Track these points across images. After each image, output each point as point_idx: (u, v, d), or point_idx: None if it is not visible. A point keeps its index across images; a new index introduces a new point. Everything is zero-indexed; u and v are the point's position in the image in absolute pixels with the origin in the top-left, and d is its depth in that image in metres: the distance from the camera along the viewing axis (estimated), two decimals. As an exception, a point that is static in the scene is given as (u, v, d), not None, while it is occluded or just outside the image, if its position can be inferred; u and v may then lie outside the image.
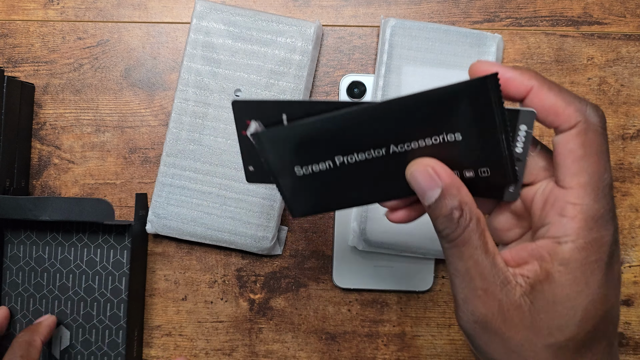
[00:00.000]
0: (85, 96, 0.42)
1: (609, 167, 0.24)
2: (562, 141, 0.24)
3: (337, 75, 0.42)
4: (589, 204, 0.23)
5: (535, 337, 0.24)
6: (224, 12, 0.39)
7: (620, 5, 0.42)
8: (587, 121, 0.24)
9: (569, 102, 0.24)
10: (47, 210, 0.36)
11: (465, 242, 0.25)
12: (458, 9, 0.42)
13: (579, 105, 0.24)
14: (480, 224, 0.25)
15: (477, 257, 0.25)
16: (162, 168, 0.40)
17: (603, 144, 0.24)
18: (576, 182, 0.24)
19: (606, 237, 0.24)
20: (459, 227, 0.25)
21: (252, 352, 0.41)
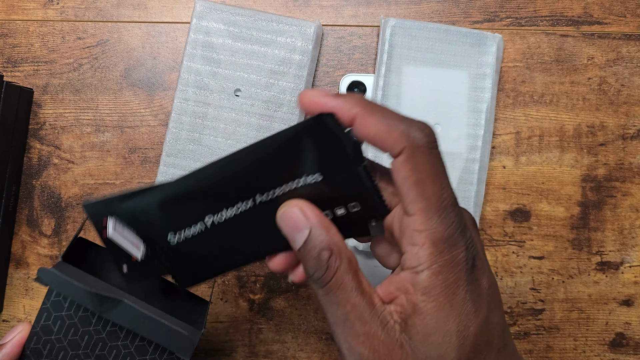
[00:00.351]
0: (85, 96, 0.42)
1: (447, 185, 0.23)
2: (394, 168, 0.23)
3: (337, 75, 0.42)
4: (434, 228, 0.23)
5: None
6: (224, 12, 0.39)
7: (620, 5, 0.42)
8: (413, 144, 0.23)
9: (392, 127, 0.23)
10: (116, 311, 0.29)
11: (339, 286, 0.24)
12: (458, 9, 0.42)
13: (403, 128, 0.23)
14: (352, 264, 0.24)
15: (353, 300, 0.24)
16: (161, 168, 0.40)
17: (435, 163, 0.23)
18: (417, 208, 0.23)
19: (459, 255, 0.23)
20: (330, 269, 0.24)
21: (252, 353, 0.41)
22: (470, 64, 0.39)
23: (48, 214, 0.42)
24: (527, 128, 0.42)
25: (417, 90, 0.39)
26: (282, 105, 0.39)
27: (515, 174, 0.41)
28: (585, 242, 0.41)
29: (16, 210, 0.42)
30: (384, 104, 0.25)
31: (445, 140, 0.39)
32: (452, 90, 0.39)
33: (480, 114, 0.39)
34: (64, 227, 0.42)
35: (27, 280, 0.42)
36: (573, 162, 0.41)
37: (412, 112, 0.39)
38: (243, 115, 0.39)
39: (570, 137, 0.42)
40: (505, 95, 0.42)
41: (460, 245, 0.23)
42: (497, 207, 0.41)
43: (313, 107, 0.24)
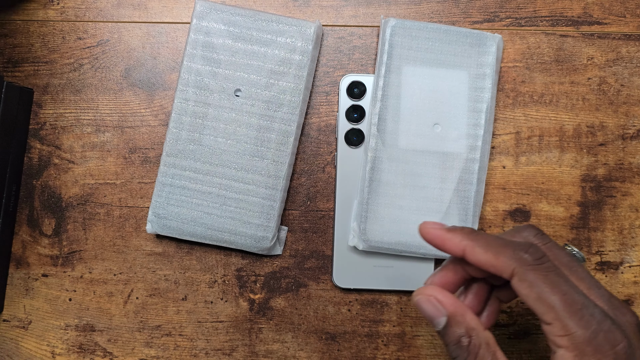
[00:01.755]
0: (85, 96, 0.43)
1: (571, 290, 0.25)
2: (515, 289, 0.25)
3: (337, 75, 0.42)
4: (574, 331, 0.24)
5: None
6: (224, 12, 0.39)
7: (620, 5, 0.42)
8: (522, 265, 0.25)
9: (498, 254, 0.26)
10: None
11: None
12: (458, 9, 0.42)
13: (509, 253, 0.25)
14: (490, 347, 0.26)
15: None
16: (162, 168, 0.40)
17: (547, 275, 0.25)
18: (550, 318, 0.24)
19: (607, 353, 0.24)
20: (470, 354, 0.26)
21: (252, 352, 0.41)
22: (470, 64, 0.39)
23: (48, 214, 0.42)
24: (527, 128, 0.42)
25: (417, 90, 0.39)
26: (282, 105, 0.39)
27: (515, 174, 0.42)
28: (585, 242, 0.41)
29: (16, 210, 0.42)
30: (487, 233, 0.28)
31: (445, 140, 0.39)
32: (451, 91, 0.39)
33: (480, 114, 0.39)
34: (64, 227, 0.42)
35: (27, 280, 0.42)
36: (573, 162, 0.42)
37: (411, 112, 0.39)
38: (243, 116, 0.39)
39: (570, 137, 0.42)
40: (505, 95, 0.42)
41: (607, 351, 0.24)
42: (496, 207, 0.41)
43: (429, 237, 0.28)
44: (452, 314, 0.27)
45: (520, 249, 0.26)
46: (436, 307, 0.27)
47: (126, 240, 0.42)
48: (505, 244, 0.26)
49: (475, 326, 0.27)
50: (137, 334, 0.41)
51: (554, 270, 0.25)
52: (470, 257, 0.27)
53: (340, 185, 0.40)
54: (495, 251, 0.26)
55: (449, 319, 0.27)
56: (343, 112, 0.41)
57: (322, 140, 0.42)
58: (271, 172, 0.39)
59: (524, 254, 0.25)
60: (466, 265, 0.29)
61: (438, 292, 0.28)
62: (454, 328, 0.27)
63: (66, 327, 0.42)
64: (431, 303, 0.28)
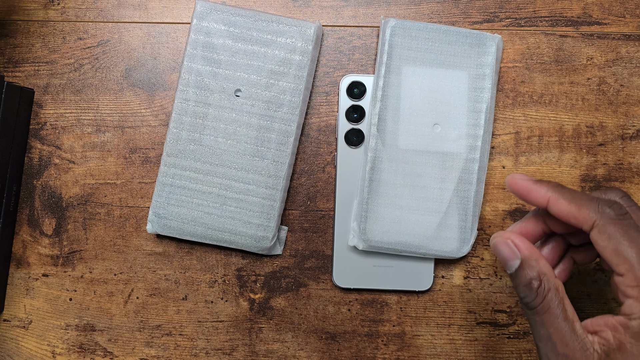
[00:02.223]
0: (85, 96, 0.43)
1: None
2: (593, 240, 0.27)
3: (337, 76, 0.42)
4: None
5: None
6: (224, 13, 0.39)
7: (619, 6, 0.42)
8: (603, 217, 0.26)
9: (581, 206, 0.27)
10: None
11: (546, 310, 0.28)
12: (458, 9, 0.42)
13: (592, 205, 0.27)
14: (559, 293, 0.28)
15: (557, 325, 0.27)
16: (162, 168, 0.40)
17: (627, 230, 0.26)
18: (624, 269, 0.26)
19: None
20: (539, 296, 0.28)
21: (252, 352, 0.41)
22: (470, 65, 0.39)
23: (49, 214, 0.42)
24: (527, 128, 0.42)
25: (416, 90, 0.39)
26: (282, 105, 0.39)
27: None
28: (585, 241, 0.41)
29: (17, 210, 0.42)
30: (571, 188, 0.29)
31: (445, 140, 0.39)
32: (451, 91, 0.39)
33: (479, 114, 0.39)
34: (64, 227, 0.42)
35: (27, 279, 0.42)
36: (572, 162, 0.42)
37: (411, 112, 0.39)
38: (243, 116, 0.39)
39: (569, 137, 0.42)
40: (505, 95, 0.42)
41: None
42: (496, 207, 0.42)
43: (516, 187, 0.30)
44: (526, 257, 0.29)
45: (603, 204, 0.27)
46: (512, 249, 0.29)
47: (126, 240, 0.42)
48: (590, 198, 0.27)
49: (547, 272, 0.28)
50: (137, 333, 0.41)
51: (635, 227, 0.26)
52: (553, 208, 0.28)
53: (340, 185, 0.40)
54: (579, 204, 0.27)
55: (523, 262, 0.29)
56: (343, 112, 0.41)
57: (322, 140, 0.42)
58: (271, 172, 0.39)
59: (607, 209, 0.27)
60: (547, 218, 0.31)
61: (515, 236, 0.29)
62: (527, 271, 0.28)
63: (66, 326, 0.42)
64: (508, 245, 0.29)
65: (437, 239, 0.39)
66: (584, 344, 0.27)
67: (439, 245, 0.39)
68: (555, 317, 0.28)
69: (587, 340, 0.27)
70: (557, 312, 0.28)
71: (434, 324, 0.41)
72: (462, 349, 0.41)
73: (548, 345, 0.28)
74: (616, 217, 0.26)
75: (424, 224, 0.39)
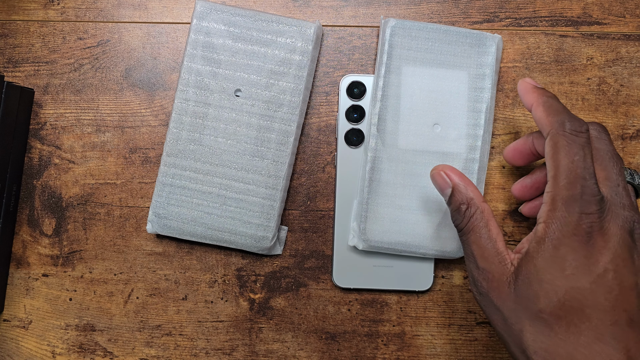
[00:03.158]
0: (85, 96, 0.43)
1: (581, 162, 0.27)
2: (546, 146, 0.29)
3: (337, 76, 0.42)
4: (556, 191, 0.28)
5: (518, 307, 0.28)
6: (224, 13, 0.39)
7: (619, 6, 0.42)
8: (560, 128, 0.28)
9: (550, 114, 0.29)
10: None
11: (470, 230, 0.30)
12: (458, 9, 0.42)
13: (559, 116, 0.29)
14: (485, 215, 0.30)
15: (480, 242, 0.30)
16: (162, 168, 0.40)
17: (571, 145, 0.28)
18: (550, 175, 0.28)
19: (572, 216, 0.27)
20: (465, 217, 0.31)
21: (252, 352, 0.41)
22: (470, 65, 0.39)
23: (49, 214, 0.42)
24: (527, 128, 0.42)
25: (416, 90, 0.39)
26: (282, 105, 0.39)
27: (514, 174, 0.42)
28: (585, 241, 0.41)
29: (17, 210, 0.42)
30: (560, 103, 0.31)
31: (445, 140, 0.39)
32: (451, 91, 0.39)
33: (479, 114, 0.39)
34: (64, 227, 0.42)
35: (27, 280, 0.42)
36: (572, 162, 0.42)
37: (411, 112, 0.39)
38: (243, 116, 0.39)
39: (569, 137, 0.42)
40: (505, 95, 0.42)
41: (575, 212, 0.27)
42: (496, 207, 0.42)
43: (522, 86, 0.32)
44: (455, 184, 0.32)
45: (568, 119, 0.29)
46: (444, 179, 0.32)
47: (126, 240, 0.42)
48: (564, 111, 0.29)
49: (475, 196, 0.31)
50: (137, 333, 0.41)
51: (583, 145, 0.28)
52: (533, 112, 0.30)
53: (340, 185, 0.40)
54: (550, 112, 0.29)
55: (453, 189, 0.32)
56: (343, 112, 0.41)
57: (322, 140, 0.42)
58: (271, 172, 0.39)
59: (567, 122, 0.28)
60: (535, 137, 0.35)
61: (448, 168, 0.33)
62: (456, 196, 0.31)
63: (66, 326, 0.42)
64: (441, 176, 0.32)
65: (437, 239, 0.39)
66: (503, 258, 0.29)
67: (439, 245, 0.39)
68: (479, 236, 0.30)
69: (506, 256, 0.29)
70: (481, 231, 0.30)
71: (434, 324, 0.41)
72: (462, 349, 0.41)
73: (471, 261, 0.30)
74: (570, 131, 0.28)
75: (424, 224, 0.39)
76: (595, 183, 0.27)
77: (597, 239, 0.27)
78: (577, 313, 0.26)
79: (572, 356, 0.26)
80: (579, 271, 0.26)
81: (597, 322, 0.26)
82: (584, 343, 0.26)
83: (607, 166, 0.29)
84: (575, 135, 0.28)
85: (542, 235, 0.28)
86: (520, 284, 0.28)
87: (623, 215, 0.27)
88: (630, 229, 0.27)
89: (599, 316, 0.26)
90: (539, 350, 0.27)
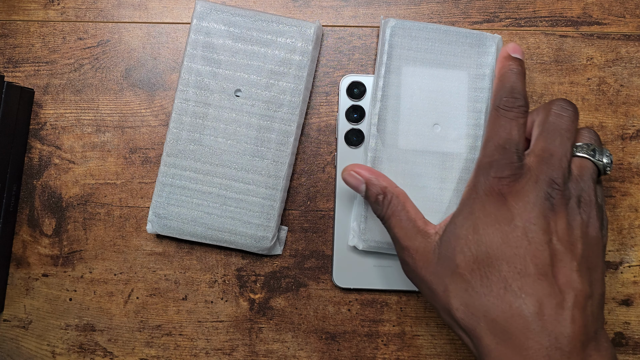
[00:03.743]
0: (85, 96, 0.43)
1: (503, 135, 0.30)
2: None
3: (337, 76, 0.42)
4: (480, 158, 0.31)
5: (439, 269, 0.30)
6: (224, 13, 0.39)
7: (619, 6, 0.42)
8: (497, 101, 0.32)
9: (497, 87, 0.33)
10: None
11: (390, 215, 0.32)
12: (458, 10, 0.42)
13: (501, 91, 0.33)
14: (400, 199, 0.32)
15: (401, 224, 0.32)
16: (162, 168, 0.40)
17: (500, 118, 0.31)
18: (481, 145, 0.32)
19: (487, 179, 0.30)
20: (384, 205, 0.32)
21: (252, 352, 0.41)
22: (470, 65, 0.39)
23: (49, 214, 0.42)
24: (527, 128, 0.42)
25: (416, 90, 0.39)
26: (282, 105, 0.39)
27: (514, 174, 0.42)
28: (585, 242, 0.41)
29: (17, 210, 0.42)
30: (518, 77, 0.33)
31: (445, 140, 0.39)
32: (451, 91, 0.39)
33: (480, 114, 0.39)
34: (64, 227, 0.42)
35: (27, 280, 0.42)
36: (572, 162, 0.42)
37: (411, 112, 0.39)
38: (243, 116, 0.39)
39: (569, 137, 0.42)
40: (505, 95, 0.42)
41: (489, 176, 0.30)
42: (496, 207, 0.42)
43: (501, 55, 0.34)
44: (367, 179, 0.33)
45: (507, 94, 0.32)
46: (356, 177, 0.34)
47: (126, 240, 0.42)
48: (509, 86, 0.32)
49: (388, 185, 0.33)
50: (137, 333, 0.41)
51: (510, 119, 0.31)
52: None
53: (340, 185, 0.40)
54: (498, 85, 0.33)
55: (366, 184, 0.33)
56: (343, 113, 0.41)
57: (322, 141, 0.42)
58: (271, 172, 0.39)
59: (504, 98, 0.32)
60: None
61: (357, 166, 0.34)
62: (371, 189, 0.33)
63: (66, 327, 0.42)
64: (352, 175, 0.34)
65: None
66: (425, 233, 0.31)
67: None
68: (399, 219, 0.32)
69: (429, 231, 0.31)
70: (400, 214, 0.32)
71: (434, 324, 0.41)
72: (462, 349, 0.41)
73: (397, 243, 0.32)
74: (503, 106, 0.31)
75: None
76: (515, 152, 0.30)
77: (510, 200, 0.29)
78: (488, 265, 0.28)
79: (486, 307, 0.27)
80: (491, 228, 0.28)
81: (505, 274, 0.27)
82: (496, 294, 0.27)
83: (548, 138, 0.30)
84: (507, 110, 0.31)
85: (463, 198, 0.31)
86: (442, 246, 0.30)
87: (544, 182, 0.29)
88: (547, 195, 0.29)
89: (507, 268, 0.27)
90: (460, 306, 0.28)
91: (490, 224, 0.29)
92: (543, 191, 0.29)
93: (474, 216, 0.29)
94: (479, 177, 0.30)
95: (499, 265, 0.28)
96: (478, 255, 0.28)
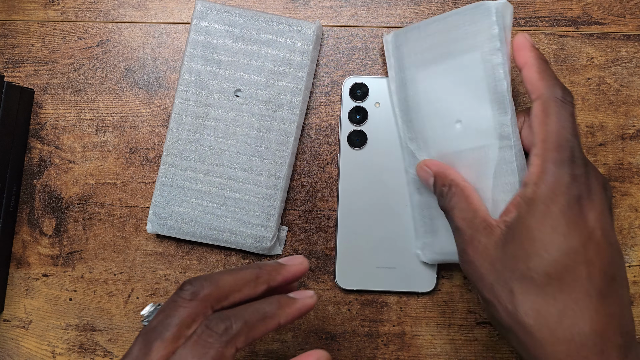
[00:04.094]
0: (85, 96, 0.43)
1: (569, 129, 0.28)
2: (532, 109, 0.30)
3: (337, 76, 0.42)
4: (546, 154, 0.28)
5: (505, 269, 0.28)
6: (224, 13, 0.39)
7: (619, 6, 0.42)
8: (552, 93, 0.29)
9: (542, 79, 0.30)
10: None
11: (454, 206, 0.32)
12: (458, 10, 0.42)
13: (550, 81, 0.30)
14: (465, 192, 0.32)
15: (463, 215, 0.31)
16: (162, 168, 0.40)
17: (561, 111, 0.29)
18: (539, 139, 0.29)
19: (564, 177, 0.28)
20: (447, 197, 0.32)
21: (252, 352, 0.41)
22: (478, 44, 0.34)
23: (49, 214, 0.42)
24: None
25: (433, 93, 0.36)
26: (282, 105, 0.39)
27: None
28: (585, 242, 0.41)
29: (17, 210, 0.42)
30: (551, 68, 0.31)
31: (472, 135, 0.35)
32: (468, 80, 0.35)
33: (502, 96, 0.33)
34: (64, 227, 0.42)
35: (27, 280, 0.42)
36: (572, 162, 0.42)
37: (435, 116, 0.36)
38: (243, 116, 0.39)
39: (569, 137, 0.42)
40: (505, 95, 0.42)
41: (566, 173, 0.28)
42: (496, 207, 0.42)
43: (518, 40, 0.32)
44: (435, 172, 0.34)
45: (559, 87, 0.29)
46: (426, 170, 0.35)
47: (126, 240, 0.42)
48: (554, 77, 0.30)
49: (454, 178, 0.33)
50: (137, 333, 0.41)
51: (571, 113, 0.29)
52: (525, 72, 0.31)
53: (342, 186, 0.40)
54: (543, 76, 0.30)
55: (435, 177, 0.34)
56: (346, 114, 0.41)
57: (322, 141, 0.42)
58: (271, 172, 0.39)
59: (559, 90, 0.29)
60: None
61: (427, 161, 0.35)
62: (437, 182, 0.33)
63: (66, 326, 0.42)
64: (422, 169, 0.35)
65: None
66: (488, 224, 0.30)
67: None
68: (461, 209, 0.31)
69: (491, 222, 0.30)
70: (463, 205, 0.31)
71: (434, 324, 0.41)
72: (462, 349, 0.41)
73: (458, 235, 0.31)
74: (562, 98, 0.29)
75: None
76: (581, 149, 0.29)
77: (585, 199, 0.28)
78: (568, 271, 0.27)
79: (563, 314, 0.26)
80: (571, 230, 0.27)
81: (587, 280, 0.27)
82: (575, 300, 0.26)
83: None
84: (565, 102, 0.29)
85: (532, 196, 0.28)
86: (510, 245, 0.28)
87: (601, 176, 0.29)
88: (605, 187, 0.29)
89: (590, 274, 0.27)
90: (530, 310, 0.27)
91: (570, 227, 0.27)
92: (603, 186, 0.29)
93: (552, 219, 0.27)
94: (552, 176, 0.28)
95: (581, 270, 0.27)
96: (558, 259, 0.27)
